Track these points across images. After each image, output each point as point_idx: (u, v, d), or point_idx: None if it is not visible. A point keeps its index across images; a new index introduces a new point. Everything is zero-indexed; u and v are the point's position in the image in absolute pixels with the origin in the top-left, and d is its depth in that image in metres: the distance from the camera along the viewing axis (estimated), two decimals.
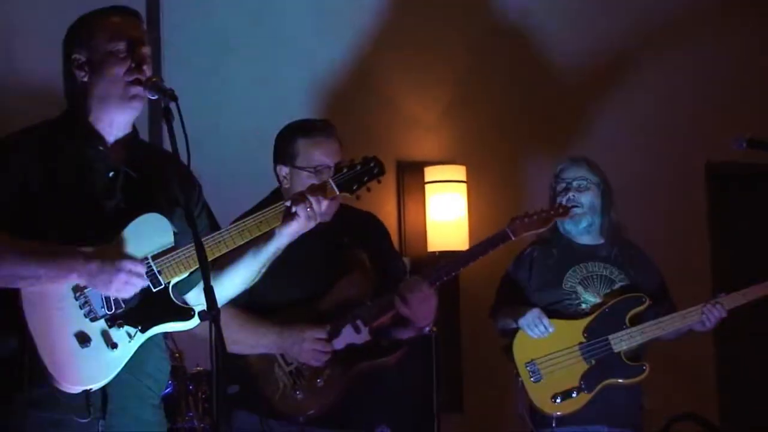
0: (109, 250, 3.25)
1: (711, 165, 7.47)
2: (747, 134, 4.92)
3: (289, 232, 3.48)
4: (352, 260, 4.30)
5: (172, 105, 3.21)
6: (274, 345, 4.19)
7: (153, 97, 3.35)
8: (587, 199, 5.12)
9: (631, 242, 5.27)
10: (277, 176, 4.39)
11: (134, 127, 3.50)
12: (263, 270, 3.56)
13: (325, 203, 3.50)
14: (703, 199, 7.47)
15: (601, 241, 5.17)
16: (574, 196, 5.09)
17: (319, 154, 4.30)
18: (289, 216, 3.45)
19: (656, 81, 7.39)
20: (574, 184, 5.11)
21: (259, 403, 4.17)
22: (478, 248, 4.68)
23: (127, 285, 3.24)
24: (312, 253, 4.18)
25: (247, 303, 4.06)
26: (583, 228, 5.13)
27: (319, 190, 3.51)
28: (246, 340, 4.17)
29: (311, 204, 3.45)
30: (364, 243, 4.38)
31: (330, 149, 4.31)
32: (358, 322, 4.23)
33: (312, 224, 3.49)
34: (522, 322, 4.98)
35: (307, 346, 4.15)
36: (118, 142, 3.44)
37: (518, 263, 5.21)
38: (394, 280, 4.32)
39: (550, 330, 4.97)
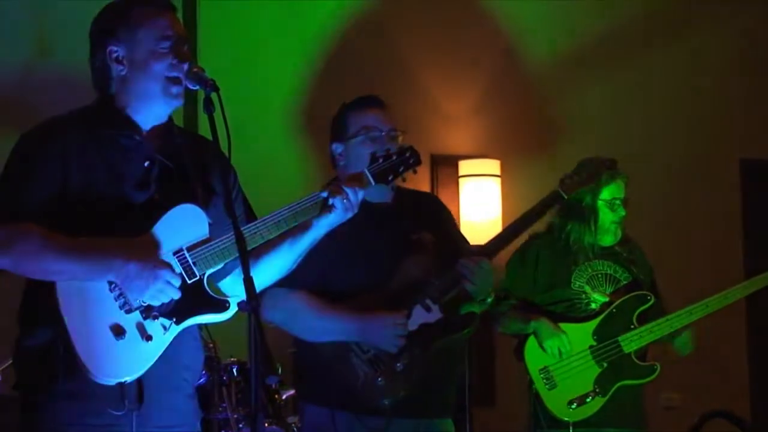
0: (145, 244, 3.25)
1: (745, 162, 7.43)
2: None
3: (327, 223, 3.47)
4: (414, 242, 4.26)
5: (214, 96, 3.20)
6: (356, 332, 4.12)
7: (194, 88, 3.33)
8: (624, 213, 5.10)
9: (629, 237, 5.22)
10: (333, 158, 4.33)
11: (170, 116, 3.47)
12: (299, 260, 3.55)
13: (361, 193, 3.49)
14: (737, 196, 7.43)
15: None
16: (619, 212, 5.06)
17: (369, 119, 4.23)
18: (326, 207, 3.44)
19: (688, 75, 7.36)
20: (617, 202, 5.07)
21: (330, 395, 4.13)
22: (531, 213, 4.57)
23: (160, 294, 3.22)
24: (375, 238, 4.16)
25: (319, 288, 4.06)
26: (614, 244, 5.11)
27: (355, 180, 3.49)
28: (327, 327, 4.10)
29: (347, 195, 3.45)
30: (428, 224, 4.31)
31: (380, 114, 4.24)
32: (428, 300, 4.19)
33: (349, 215, 3.47)
34: (548, 344, 4.93)
35: (387, 332, 4.09)
36: (153, 130, 3.42)
37: (523, 260, 5.14)
38: (456, 256, 4.28)
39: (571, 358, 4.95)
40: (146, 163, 3.38)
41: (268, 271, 3.52)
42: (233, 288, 3.40)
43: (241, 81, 6.06)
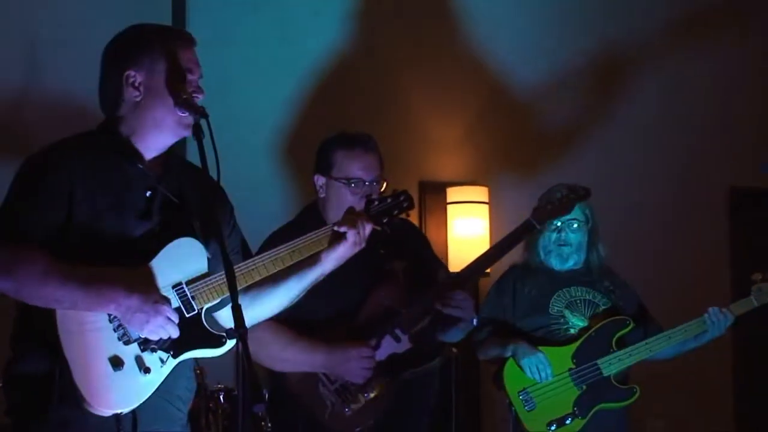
0: (144, 276, 3.25)
1: (734, 189, 7.45)
2: None
3: (336, 257, 3.51)
4: (385, 272, 4.27)
5: (203, 122, 3.23)
6: (322, 364, 4.16)
7: (183, 114, 3.33)
8: (576, 238, 5.12)
9: (610, 268, 5.26)
10: (315, 185, 4.36)
11: (171, 147, 3.48)
12: (303, 294, 3.57)
13: (369, 227, 3.51)
14: (726, 224, 7.44)
15: (581, 266, 5.17)
16: (564, 235, 5.10)
17: (355, 168, 4.29)
18: (338, 238, 3.48)
19: (677, 102, 7.38)
20: (566, 224, 5.10)
21: (298, 424, 4.14)
22: (505, 242, 4.66)
23: (161, 330, 3.23)
24: (345, 267, 4.18)
25: (287, 317, 4.05)
26: (569, 265, 5.14)
27: (361, 214, 3.54)
28: (294, 358, 4.15)
29: (360, 228, 3.48)
30: (402, 252, 4.34)
31: (367, 163, 4.31)
32: (397, 331, 4.20)
33: (357, 249, 3.51)
34: (525, 362, 4.95)
35: (354, 364, 4.12)
36: (155, 160, 3.42)
37: (500, 289, 5.20)
38: (426, 284, 4.28)
39: (551, 378, 4.96)
40: (148, 193, 3.38)
41: (273, 303, 3.56)
42: (229, 320, 3.38)
43: (228, 108, 6.06)
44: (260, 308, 3.43)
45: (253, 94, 6.37)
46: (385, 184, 4.29)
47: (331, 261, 3.51)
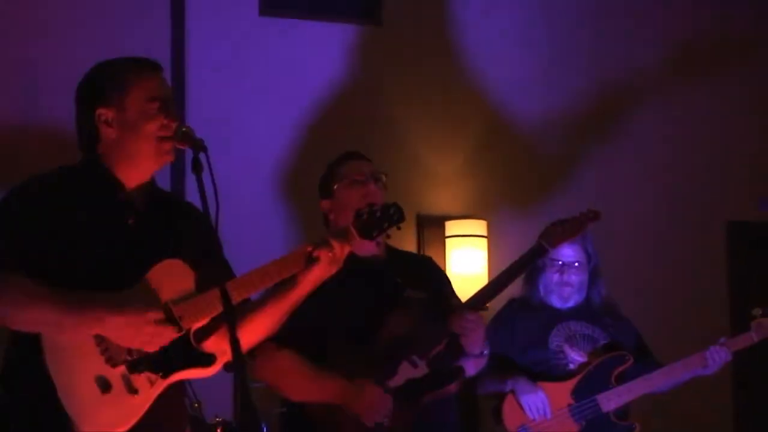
0: (131, 298, 3.24)
1: (731, 224, 7.46)
2: None
3: (312, 279, 3.48)
4: (402, 299, 4.27)
5: (202, 156, 3.22)
6: (338, 398, 4.13)
7: (182, 147, 3.35)
8: (578, 279, 5.12)
9: (612, 302, 5.24)
10: (325, 218, 4.37)
11: (152, 176, 3.49)
12: (285, 318, 3.55)
13: (347, 248, 3.50)
14: (723, 259, 7.44)
15: (581, 301, 5.16)
16: (566, 277, 5.09)
17: (350, 170, 4.32)
18: (311, 260, 3.45)
19: (676, 137, 7.40)
20: (568, 265, 5.09)
21: None
22: (516, 266, 4.61)
23: (153, 338, 3.23)
24: (363, 293, 4.21)
25: (303, 347, 4.09)
26: (569, 305, 5.13)
27: (341, 235, 3.52)
28: (309, 389, 4.13)
29: (333, 248, 3.46)
30: (419, 284, 4.34)
31: (359, 165, 4.35)
32: (414, 356, 4.20)
33: (334, 269, 3.49)
34: (524, 399, 4.93)
35: (369, 408, 4.11)
36: (137, 188, 3.43)
37: (498, 324, 5.15)
38: (446, 314, 4.28)
39: (548, 416, 4.94)
40: (130, 221, 3.39)
41: (254, 330, 3.51)
42: (218, 345, 3.36)
43: (229, 140, 6.09)
44: (244, 336, 3.39)
45: (251, 126, 6.40)
46: (384, 178, 4.32)
47: (309, 283, 3.48)
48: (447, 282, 4.58)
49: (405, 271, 4.36)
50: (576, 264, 5.09)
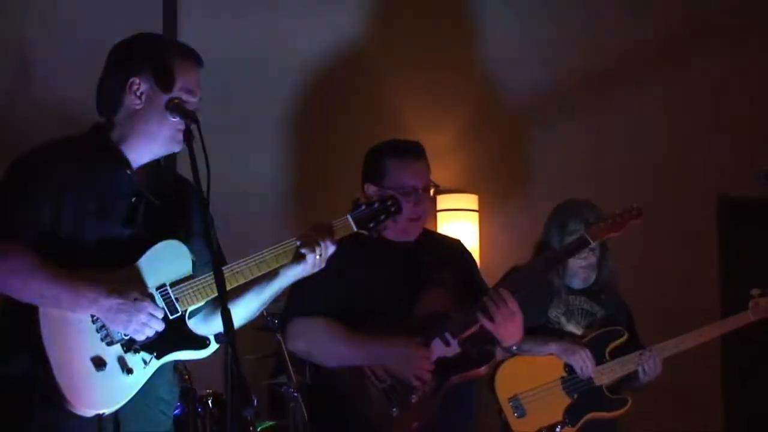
0: (128, 278, 3.26)
1: (722, 197, 7.46)
2: (766, 167, 4.90)
3: (294, 274, 3.50)
4: (434, 279, 4.27)
5: (193, 127, 3.24)
6: (378, 357, 4.13)
7: (173, 119, 3.34)
8: (596, 258, 5.13)
9: (614, 278, 5.24)
10: (365, 194, 4.32)
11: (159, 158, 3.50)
12: (263, 308, 3.57)
13: (332, 248, 3.50)
14: (713, 233, 7.45)
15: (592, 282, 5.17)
16: (588, 260, 5.09)
17: (408, 177, 4.27)
18: (298, 257, 3.46)
19: (667, 112, 7.40)
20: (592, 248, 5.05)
21: (344, 425, 4.14)
22: (556, 256, 4.68)
23: (144, 327, 3.24)
24: (396, 274, 4.22)
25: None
26: (588, 286, 5.15)
27: (327, 233, 3.51)
28: (349, 353, 4.11)
29: (321, 249, 3.47)
30: (450, 266, 4.34)
31: (419, 171, 4.30)
32: (447, 334, 4.19)
33: (316, 269, 3.50)
34: (574, 359, 4.94)
35: (415, 364, 4.11)
36: (142, 168, 3.44)
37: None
38: (477, 296, 4.27)
39: (591, 373, 4.96)
40: (133, 199, 3.39)
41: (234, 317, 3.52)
42: (197, 326, 3.39)
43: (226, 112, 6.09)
44: (219, 324, 3.36)
45: (242, 96, 6.39)
46: (433, 190, 4.33)
47: (290, 277, 3.50)
48: (476, 266, 4.58)
49: (435, 253, 4.35)
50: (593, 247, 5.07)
